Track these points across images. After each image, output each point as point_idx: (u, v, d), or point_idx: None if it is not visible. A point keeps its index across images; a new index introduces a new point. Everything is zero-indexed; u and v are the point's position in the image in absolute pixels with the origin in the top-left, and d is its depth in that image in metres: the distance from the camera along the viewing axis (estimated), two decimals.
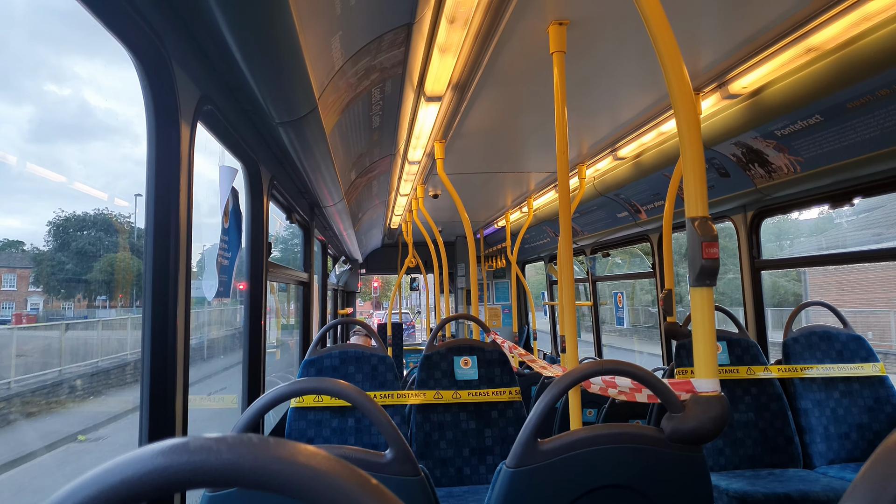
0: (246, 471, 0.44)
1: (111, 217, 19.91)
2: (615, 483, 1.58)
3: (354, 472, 0.46)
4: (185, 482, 0.44)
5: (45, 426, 9.47)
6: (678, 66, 1.72)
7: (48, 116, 38.69)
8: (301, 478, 0.45)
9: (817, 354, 3.78)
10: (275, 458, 0.45)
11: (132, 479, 0.44)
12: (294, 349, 6.75)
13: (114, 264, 18.94)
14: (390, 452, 1.48)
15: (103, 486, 0.43)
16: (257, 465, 0.44)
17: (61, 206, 28.50)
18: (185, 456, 0.44)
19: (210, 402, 2.82)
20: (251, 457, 0.45)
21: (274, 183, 3.42)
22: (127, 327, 14.53)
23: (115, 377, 12.03)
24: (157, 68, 1.77)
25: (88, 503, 0.43)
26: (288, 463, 0.45)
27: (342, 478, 0.45)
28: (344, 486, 0.45)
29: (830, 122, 2.90)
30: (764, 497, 3.02)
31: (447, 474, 3.28)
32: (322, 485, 0.45)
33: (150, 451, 0.45)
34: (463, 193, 5.71)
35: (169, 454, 0.44)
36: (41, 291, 18.68)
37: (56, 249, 18.76)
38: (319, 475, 0.45)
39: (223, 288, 2.36)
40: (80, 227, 19.34)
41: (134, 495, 0.44)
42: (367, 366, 3.36)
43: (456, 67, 2.94)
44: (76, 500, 0.43)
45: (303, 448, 0.46)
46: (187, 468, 0.44)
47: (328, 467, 0.45)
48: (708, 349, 1.70)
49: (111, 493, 0.43)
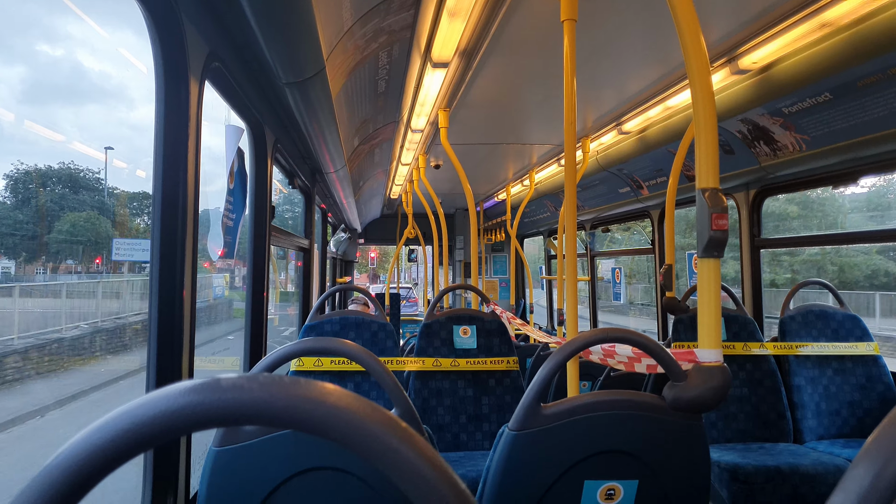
0: (278, 409, 0.44)
1: (78, 172, 19.15)
2: (615, 449, 1.60)
3: (384, 413, 0.46)
4: (217, 419, 0.44)
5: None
6: (696, 34, 1.70)
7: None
8: (331, 418, 0.45)
9: (813, 332, 3.81)
10: (306, 398, 0.45)
11: (165, 414, 0.44)
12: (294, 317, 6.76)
13: (77, 224, 18.20)
14: (396, 411, 1.49)
15: (137, 419, 0.44)
16: (290, 403, 0.45)
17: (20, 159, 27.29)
18: (218, 393, 0.44)
19: (212, 363, 2.84)
20: (283, 395, 0.45)
21: (278, 146, 3.40)
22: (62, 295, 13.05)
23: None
24: (168, 22, 1.75)
25: (122, 435, 0.43)
26: (319, 403, 0.45)
27: (371, 419, 0.45)
28: (372, 427, 0.45)
29: (839, 100, 2.88)
30: (754, 469, 3.06)
31: (444, 440, 3.32)
32: (352, 425, 0.45)
33: (183, 388, 0.45)
34: (465, 164, 5.69)
35: (202, 391, 0.44)
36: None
37: (13, 207, 18.08)
38: (349, 415, 0.45)
39: (228, 248, 2.36)
40: (43, 182, 18.59)
41: (165, 430, 0.44)
42: (368, 332, 3.37)
43: (464, 33, 2.90)
44: (112, 431, 0.43)
45: (333, 389, 0.47)
46: (220, 404, 0.44)
47: (358, 408, 0.46)
48: (712, 320, 1.71)
49: (145, 426, 0.43)
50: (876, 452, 0.45)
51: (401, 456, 0.45)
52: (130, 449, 0.43)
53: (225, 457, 1.41)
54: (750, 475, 3.05)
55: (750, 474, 3.05)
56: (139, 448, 0.44)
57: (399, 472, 0.45)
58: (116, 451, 0.43)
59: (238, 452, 1.41)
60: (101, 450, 0.43)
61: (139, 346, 13.00)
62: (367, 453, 0.45)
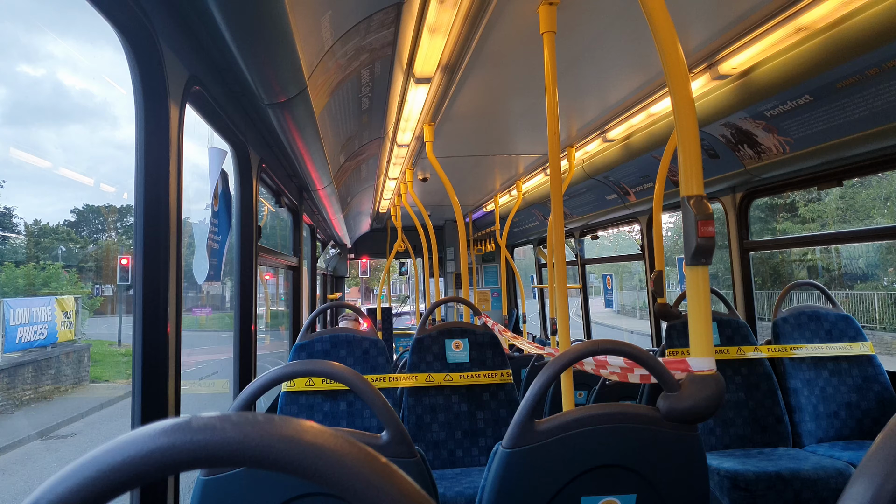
0: (252, 449, 0.43)
1: None
2: (611, 463, 1.58)
3: (362, 449, 0.45)
4: (188, 461, 0.43)
5: None
6: (673, 42, 1.71)
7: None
8: (308, 456, 0.44)
9: (806, 334, 3.81)
10: (281, 437, 0.44)
11: (134, 459, 0.42)
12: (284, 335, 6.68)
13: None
14: (386, 434, 1.48)
15: (104, 466, 0.42)
16: (263, 443, 0.43)
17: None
18: (189, 435, 0.43)
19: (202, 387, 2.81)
20: (256, 435, 0.44)
21: (263, 166, 3.38)
22: None
23: None
24: (146, 47, 1.74)
25: (89, 484, 0.42)
26: (294, 441, 0.44)
27: (349, 456, 0.44)
28: (351, 464, 0.44)
29: (820, 102, 2.90)
30: (755, 476, 3.05)
31: (440, 457, 3.29)
32: (329, 463, 0.44)
33: (153, 431, 0.43)
34: (452, 177, 5.69)
35: (172, 433, 0.43)
36: None
37: None
38: (326, 453, 0.44)
39: (213, 271, 2.34)
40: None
41: (136, 475, 0.43)
42: (359, 349, 3.35)
43: (445, 48, 2.91)
44: (77, 479, 0.42)
45: (309, 426, 0.45)
46: (191, 447, 0.43)
47: (335, 445, 0.44)
48: (703, 328, 1.71)
49: (113, 473, 0.42)
50: (875, 468, 0.45)
51: (381, 492, 0.44)
52: (100, 496, 0.42)
53: (213, 486, 1.39)
54: (751, 482, 3.04)
55: (751, 481, 3.04)
56: (109, 495, 0.42)
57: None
58: (84, 501, 0.42)
59: (227, 481, 1.38)
60: (67, 500, 0.41)
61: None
62: (345, 490, 0.44)
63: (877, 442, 0.46)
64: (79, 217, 30.36)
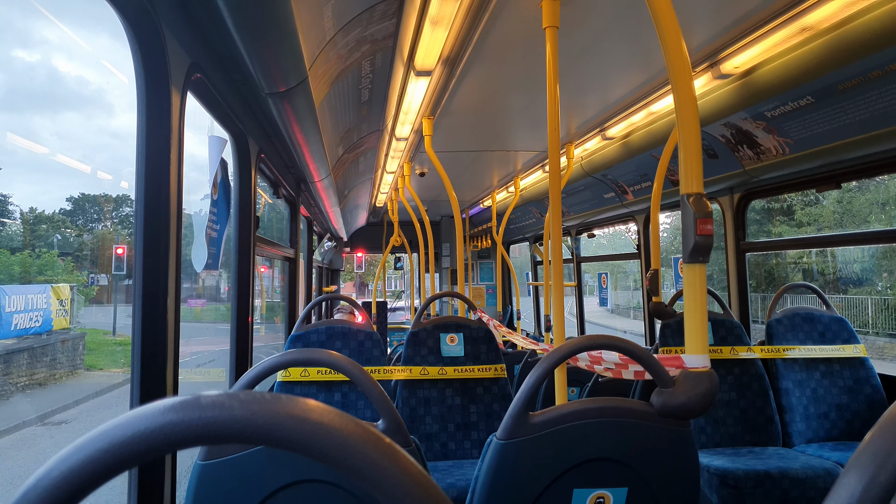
0: (259, 427, 0.44)
1: None
2: (604, 456, 1.59)
3: (367, 429, 0.45)
4: (197, 437, 0.43)
5: None
6: (677, 40, 1.71)
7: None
8: (314, 435, 0.44)
9: (800, 335, 3.83)
10: (288, 415, 0.44)
11: (144, 434, 0.43)
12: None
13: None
14: (382, 423, 1.48)
15: (115, 440, 0.43)
16: (271, 421, 0.44)
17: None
18: (198, 412, 0.43)
19: (197, 375, 2.81)
20: (264, 413, 0.44)
21: (261, 156, 3.38)
22: None
23: None
24: (148, 33, 1.74)
25: (101, 456, 0.42)
26: (301, 420, 0.44)
27: (354, 436, 0.44)
28: (356, 444, 0.44)
29: (821, 103, 2.91)
30: (744, 474, 3.07)
31: (432, 449, 3.30)
32: (335, 442, 0.44)
33: (162, 407, 0.44)
34: (450, 172, 5.69)
35: (181, 409, 0.43)
36: None
37: None
38: (332, 432, 0.44)
39: (212, 260, 2.34)
40: None
41: (146, 450, 0.43)
42: (354, 341, 3.35)
43: (447, 41, 2.90)
44: (89, 451, 0.42)
45: (315, 405, 0.46)
46: (200, 423, 0.43)
47: (341, 425, 0.45)
48: (699, 325, 1.72)
49: (123, 446, 0.42)
50: (867, 460, 0.45)
51: (384, 472, 0.44)
52: (109, 470, 0.42)
53: (210, 471, 1.39)
54: (739, 480, 3.06)
55: (739, 479, 3.06)
56: (118, 468, 0.43)
57: (383, 488, 0.44)
58: (94, 473, 0.42)
59: (224, 466, 1.39)
60: (78, 472, 0.42)
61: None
62: (349, 470, 0.44)
63: (870, 434, 0.47)
64: (74, 206, 30.31)
